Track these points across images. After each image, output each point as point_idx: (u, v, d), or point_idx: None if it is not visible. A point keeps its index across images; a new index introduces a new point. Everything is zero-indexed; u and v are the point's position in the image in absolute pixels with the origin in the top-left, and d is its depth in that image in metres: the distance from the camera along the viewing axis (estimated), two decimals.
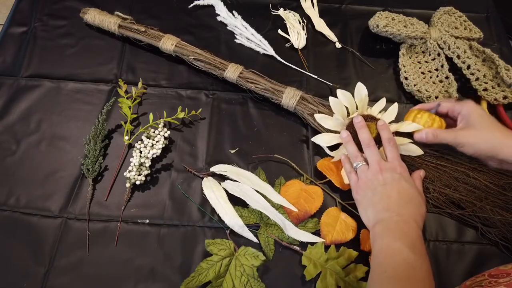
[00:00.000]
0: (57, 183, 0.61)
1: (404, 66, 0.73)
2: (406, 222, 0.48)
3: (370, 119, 0.61)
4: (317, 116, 0.63)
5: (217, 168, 0.62)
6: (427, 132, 0.56)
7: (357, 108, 0.63)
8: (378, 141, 0.60)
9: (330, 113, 0.64)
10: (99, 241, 0.57)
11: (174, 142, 0.66)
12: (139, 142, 0.63)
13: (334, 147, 0.63)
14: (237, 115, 0.69)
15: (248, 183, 0.60)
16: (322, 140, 0.62)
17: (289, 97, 0.66)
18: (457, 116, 0.57)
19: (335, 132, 0.62)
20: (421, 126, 0.59)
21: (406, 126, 0.60)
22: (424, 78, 0.74)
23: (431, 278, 0.45)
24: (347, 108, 0.63)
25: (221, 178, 0.62)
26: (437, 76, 0.74)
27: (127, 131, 0.64)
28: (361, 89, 0.63)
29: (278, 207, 0.59)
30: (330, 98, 0.62)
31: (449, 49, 0.74)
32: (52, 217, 0.59)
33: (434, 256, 0.58)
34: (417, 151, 0.59)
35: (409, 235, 0.47)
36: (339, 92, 0.63)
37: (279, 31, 0.79)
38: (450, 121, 0.61)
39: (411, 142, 0.59)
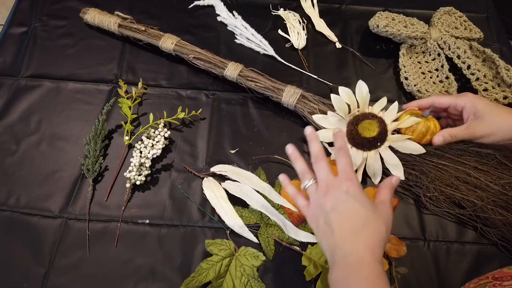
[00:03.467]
0: (57, 183, 0.61)
1: (404, 66, 0.73)
2: (361, 261, 0.41)
3: (371, 117, 0.61)
4: (315, 117, 0.63)
5: (217, 168, 0.62)
6: (444, 135, 0.56)
7: (358, 106, 0.64)
8: (379, 139, 0.60)
9: (331, 111, 0.64)
10: (99, 241, 0.57)
11: (174, 142, 0.66)
12: (139, 142, 0.63)
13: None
14: (237, 115, 0.69)
15: (248, 183, 0.60)
16: (322, 136, 0.62)
17: (289, 95, 0.66)
18: (461, 110, 0.57)
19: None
20: (420, 119, 0.59)
21: (405, 121, 0.60)
22: (424, 78, 0.73)
23: None
24: (349, 105, 0.63)
25: (221, 178, 0.62)
26: (437, 76, 0.74)
27: (127, 131, 0.64)
28: (362, 87, 0.63)
29: (278, 207, 0.59)
30: (332, 95, 0.63)
31: (449, 49, 0.74)
32: (52, 217, 0.58)
33: (434, 256, 0.58)
34: (419, 149, 0.59)
35: (367, 278, 0.40)
36: (341, 89, 0.64)
37: (279, 31, 0.79)
38: (444, 113, 0.61)
39: (409, 139, 0.59)
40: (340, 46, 0.79)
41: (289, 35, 0.79)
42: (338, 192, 0.44)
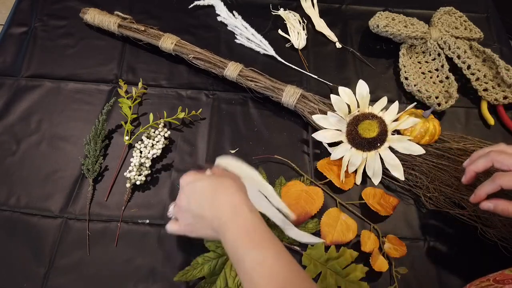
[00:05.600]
0: (57, 183, 0.61)
1: (404, 66, 0.73)
2: (236, 209, 0.43)
3: (371, 117, 0.61)
4: (315, 117, 0.63)
5: (222, 160, 0.60)
6: (497, 207, 0.48)
7: (358, 106, 0.64)
8: (379, 139, 0.60)
9: (331, 111, 0.64)
10: (99, 241, 0.57)
11: (174, 142, 0.66)
12: (139, 142, 0.63)
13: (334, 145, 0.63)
14: (237, 115, 0.69)
15: (250, 181, 0.59)
16: (323, 136, 0.62)
17: (289, 95, 0.66)
18: None
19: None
20: (419, 120, 0.59)
21: (404, 122, 0.60)
22: (424, 78, 0.74)
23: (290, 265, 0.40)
24: (348, 105, 0.63)
25: None
26: (438, 76, 0.74)
27: (127, 131, 0.64)
28: (362, 87, 0.64)
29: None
30: (332, 95, 0.63)
31: (449, 49, 0.74)
32: (52, 217, 0.58)
33: (434, 256, 0.58)
34: (419, 150, 0.59)
35: (246, 220, 0.42)
36: (341, 89, 0.64)
37: (279, 31, 0.79)
38: None
39: (410, 140, 0.60)
40: (340, 46, 0.79)
41: (289, 35, 0.79)
42: (184, 188, 0.48)
